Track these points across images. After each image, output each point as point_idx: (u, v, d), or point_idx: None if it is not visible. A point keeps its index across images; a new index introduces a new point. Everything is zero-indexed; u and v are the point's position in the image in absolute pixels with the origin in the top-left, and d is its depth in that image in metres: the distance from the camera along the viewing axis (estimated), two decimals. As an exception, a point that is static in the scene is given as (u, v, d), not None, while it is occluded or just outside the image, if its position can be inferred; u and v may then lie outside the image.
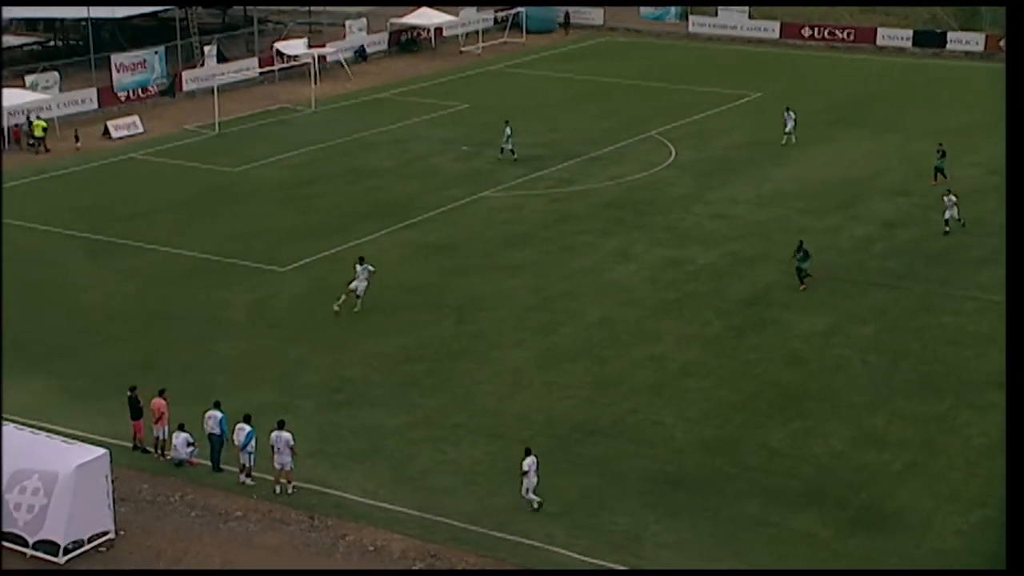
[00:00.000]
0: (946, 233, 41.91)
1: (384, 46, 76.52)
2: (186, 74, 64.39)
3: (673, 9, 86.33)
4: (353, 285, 35.53)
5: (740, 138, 56.50)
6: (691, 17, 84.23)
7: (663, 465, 27.65)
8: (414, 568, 23.82)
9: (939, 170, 47.78)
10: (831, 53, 78.03)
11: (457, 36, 79.31)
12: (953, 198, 42.63)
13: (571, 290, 37.92)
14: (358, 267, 35.78)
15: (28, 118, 54.42)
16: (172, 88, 63.40)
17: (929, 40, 77.17)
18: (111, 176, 50.19)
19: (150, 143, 55.13)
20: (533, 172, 50.59)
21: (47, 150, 53.08)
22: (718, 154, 53.81)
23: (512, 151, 51.87)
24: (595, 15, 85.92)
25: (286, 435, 26.09)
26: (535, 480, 25.59)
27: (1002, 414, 29.80)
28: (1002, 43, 73.90)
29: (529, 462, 25.56)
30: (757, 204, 46.72)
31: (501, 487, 26.63)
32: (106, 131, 55.79)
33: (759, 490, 26.66)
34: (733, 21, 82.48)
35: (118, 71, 60.99)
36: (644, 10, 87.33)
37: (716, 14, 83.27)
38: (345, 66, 70.30)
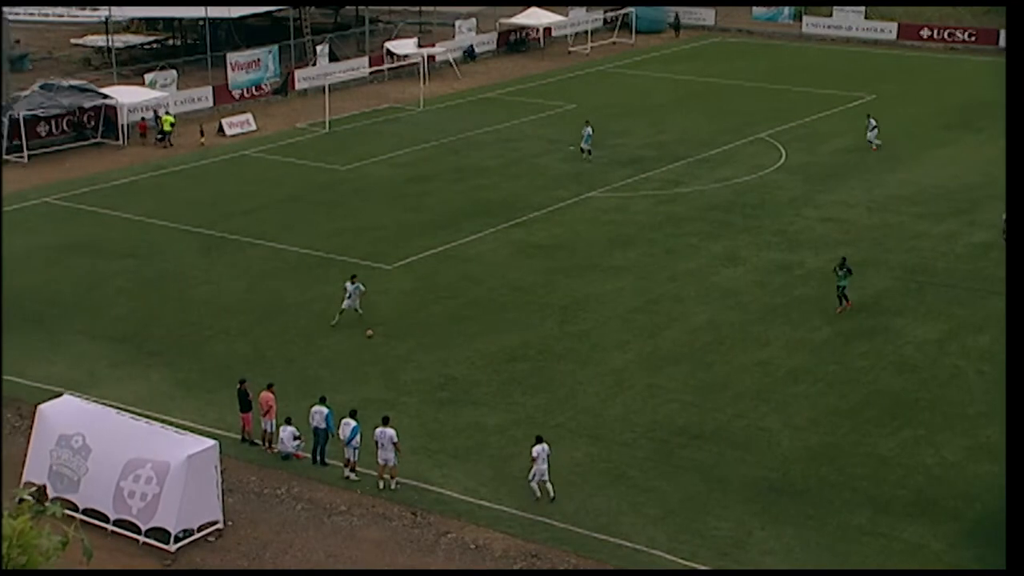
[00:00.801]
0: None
1: (493, 46, 76.79)
2: (298, 73, 65.44)
3: (786, 9, 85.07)
4: (344, 305, 34.48)
5: (852, 141, 55.39)
6: (805, 18, 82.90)
7: (768, 472, 27.22)
8: (515, 568, 23.80)
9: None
10: (950, 55, 76.10)
11: (566, 36, 79.23)
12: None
13: (676, 293, 37.57)
14: (349, 285, 34.60)
15: (156, 113, 56.08)
16: (285, 86, 64.49)
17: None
18: (224, 173, 51.23)
19: (262, 140, 56.15)
20: (639, 173, 50.27)
21: (171, 144, 54.55)
22: (829, 157, 52.85)
23: (589, 151, 51.55)
24: (706, 16, 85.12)
25: (390, 431, 26.31)
26: (544, 468, 25.50)
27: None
28: None
29: (538, 449, 25.54)
30: (869, 208, 45.76)
31: (602, 488, 26.50)
32: (220, 128, 56.97)
33: (867, 499, 26.09)
34: (848, 22, 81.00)
35: (233, 70, 62.25)
36: (756, 10, 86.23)
37: (831, 14, 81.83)
38: (454, 66, 70.73)
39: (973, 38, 77.18)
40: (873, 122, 53.63)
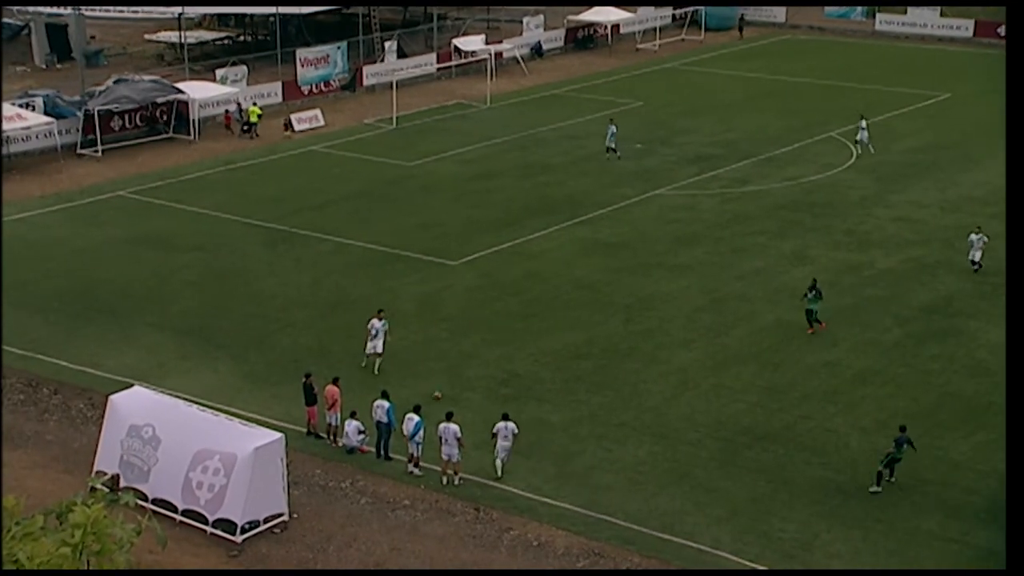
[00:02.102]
0: (976, 272, 37.48)
1: (561, 43, 76.65)
2: (366, 69, 65.80)
3: (859, 7, 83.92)
4: (369, 347, 31.65)
5: (926, 140, 54.52)
6: (878, 15, 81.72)
7: (835, 474, 26.85)
8: (577, 567, 23.71)
9: None
10: (1026, 52, 74.52)
11: (634, 33, 78.86)
12: (984, 237, 37.75)
13: (742, 292, 37.20)
14: (376, 322, 31.73)
15: (240, 105, 57.26)
16: (353, 83, 64.88)
17: None
18: (292, 168, 51.64)
19: (330, 136, 56.53)
20: (706, 172, 49.87)
21: (257, 135, 55.68)
22: (901, 156, 52.04)
23: (615, 150, 51.16)
24: (777, 13, 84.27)
25: (454, 427, 26.33)
26: (507, 445, 26.11)
27: None
28: None
29: (499, 426, 26.10)
30: (942, 209, 44.99)
31: (666, 488, 26.31)
32: (289, 124, 57.47)
33: (938, 503, 25.64)
34: (923, 19, 79.74)
35: (302, 65, 62.76)
36: (828, 8, 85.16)
37: (906, 12, 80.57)
38: (521, 62, 70.69)
39: (1051, 36, 75.47)
40: (864, 123, 51.75)
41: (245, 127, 56.16)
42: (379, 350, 31.76)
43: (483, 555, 24.08)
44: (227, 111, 57.34)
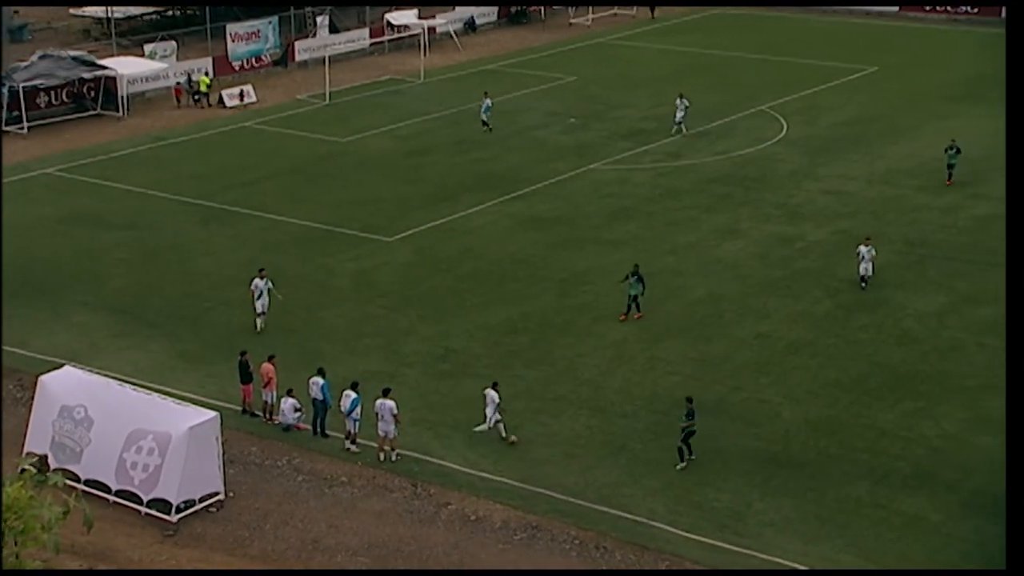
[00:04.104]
0: (863, 289, 35.16)
1: (494, 18, 76.46)
2: (298, 44, 65.19)
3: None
4: (258, 307, 32.39)
5: (854, 113, 55.28)
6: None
7: (768, 444, 27.30)
8: (514, 540, 23.91)
9: (951, 167, 44.34)
10: (953, 27, 75.79)
11: (567, 8, 78.83)
12: (872, 249, 35.38)
13: (675, 266, 37.57)
14: (259, 282, 32.37)
15: (190, 76, 57.37)
16: (285, 58, 64.27)
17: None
18: (224, 144, 51.11)
19: (262, 112, 56.00)
20: (639, 146, 50.16)
21: (209, 104, 56.01)
22: (830, 130, 52.73)
23: (487, 123, 51.42)
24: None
25: (390, 403, 26.37)
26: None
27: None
28: None
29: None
30: (870, 181, 45.70)
31: (603, 460, 26.59)
32: (220, 99, 56.85)
33: (867, 471, 26.18)
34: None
35: (233, 41, 62.03)
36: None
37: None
38: (455, 37, 70.44)
39: (976, 10, 76.82)
40: (685, 103, 51.03)
41: (196, 97, 56.02)
42: (264, 309, 32.47)
43: (421, 530, 24.20)
44: (177, 83, 56.98)
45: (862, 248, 35.16)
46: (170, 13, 73.01)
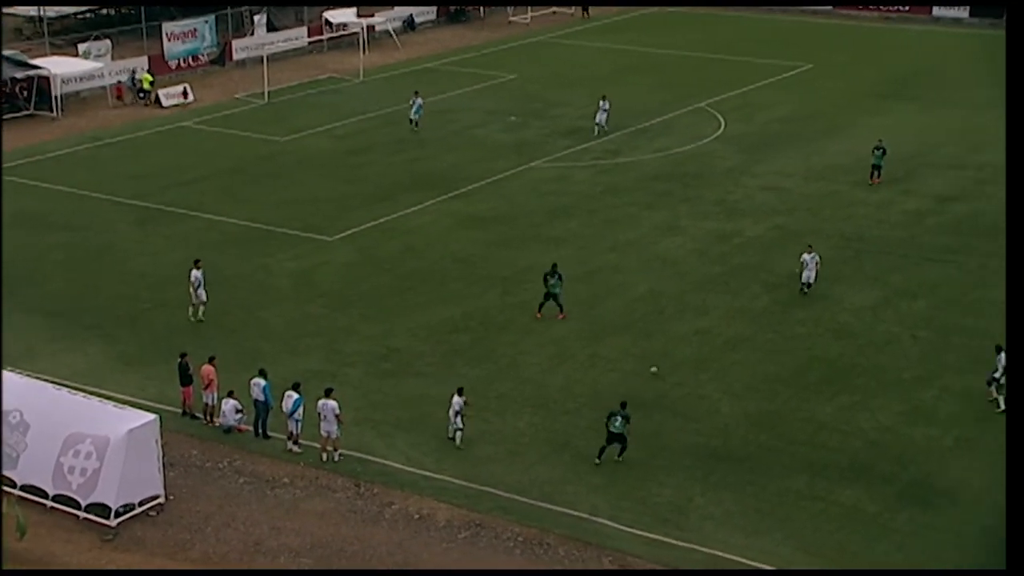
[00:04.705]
0: (804, 294, 34.93)
1: (433, 16, 76.37)
2: (236, 43, 64.66)
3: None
4: (196, 298, 33.01)
5: (789, 110, 55.94)
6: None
7: (708, 439, 27.56)
8: (458, 539, 23.95)
9: (877, 168, 44.67)
10: (885, 24, 76.94)
11: (505, 7, 78.93)
12: (816, 256, 35.10)
13: (616, 263, 37.80)
14: (196, 272, 32.94)
15: (134, 74, 57.11)
16: (222, 57, 63.73)
17: (987, 11, 75.72)
18: (161, 144, 50.57)
19: (200, 111, 55.49)
20: (579, 144, 50.38)
21: (152, 102, 55.56)
22: (767, 126, 53.31)
23: (417, 123, 51.55)
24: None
25: (332, 403, 26.28)
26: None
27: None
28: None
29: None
30: (806, 177, 46.27)
31: (546, 457, 26.70)
32: (157, 99, 56.25)
33: (805, 464, 26.52)
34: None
35: (169, 39, 61.37)
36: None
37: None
38: (394, 36, 70.27)
39: (907, 8, 78.04)
40: (607, 104, 51.06)
41: (140, 94, 55.68)
42: (203, 299, 32.98)
43: (364, 530, 24.15)
44: (119, 81, 56.46)
45: (805, 256, 34.93)
46: (104, 12, 72.05)
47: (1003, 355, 28.81)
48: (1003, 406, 28.29)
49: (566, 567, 23.10)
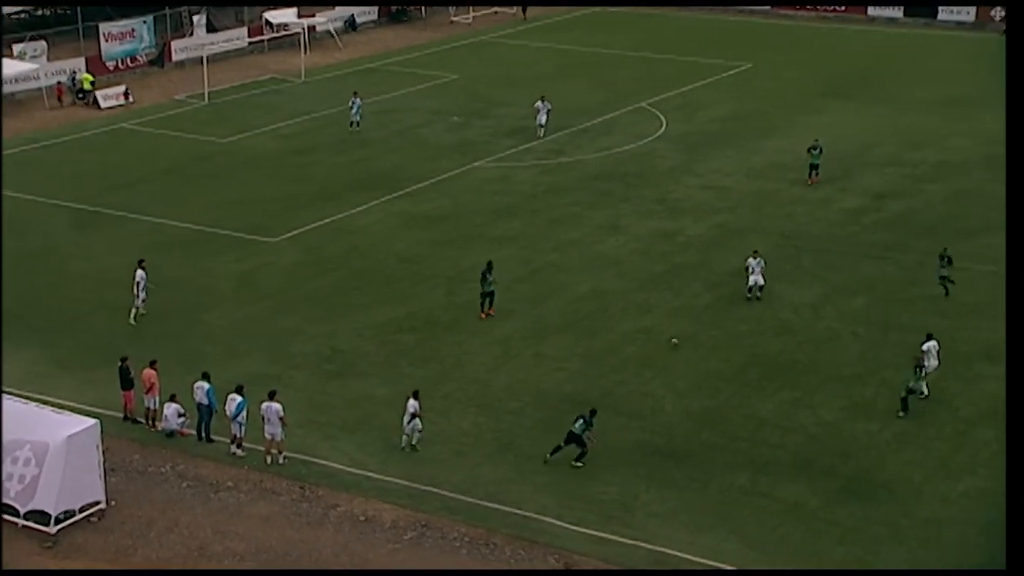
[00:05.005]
0: (748, 299, 34.74)
1: (374, 16, 76.13)
2: (175, 43, 64.03)
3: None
4: (139, 300, 33.05)
5: (730, 109, 56.44)
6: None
7: (653, 437, 27.76)
8: (404, 539, 23.93)
9: (814, 167, 45.01)
10: (822, 24, 77.88)
11: (447, 6, 78.87)
12: (761, 261, 34.98)
13: (560, 262, 37.95)
14: (141, 272, 32.99)
15: (74, 75, 56.25)
16: (161, 58, 63.07)
17: (921, 10, 76.91)
18: (100, 146, 49.97)
19: (139, 113, 54.90)
20: (522, 144, 50.49)
21: (92, 102, 54.85)
22: (708, 125, 53.75)
23: (358, 123, 51.51)
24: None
25: (276, 405, 26.14)
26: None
27: (991, 384, 30.04)
28: (993, 13, 73.82)
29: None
30: (747, 176, 46.72)
31: (491, 457, 26.75)
32: (95, 100, 55.57)
33: (748, 461, 26.80)
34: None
35: (106, 40, 60.63)
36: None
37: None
38: (335, 36, 69.96)
39: (843, 8, 79.05)
40: (547, 105, 50.25)
41: (80, 95, 54.96)
42: (143, 298, 33.04)
43: (309, 533, 24.05)
44: (59, 82, 55.77)
45: (751, 261, 34.89)
46: (40, 12, 71.01)
47: (933, 343, 29.42)
48: (927, 391, 29.11)
49: (512, 567, 23.17)
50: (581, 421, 26.42)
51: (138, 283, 32.89)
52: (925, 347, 29.42)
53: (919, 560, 23.38)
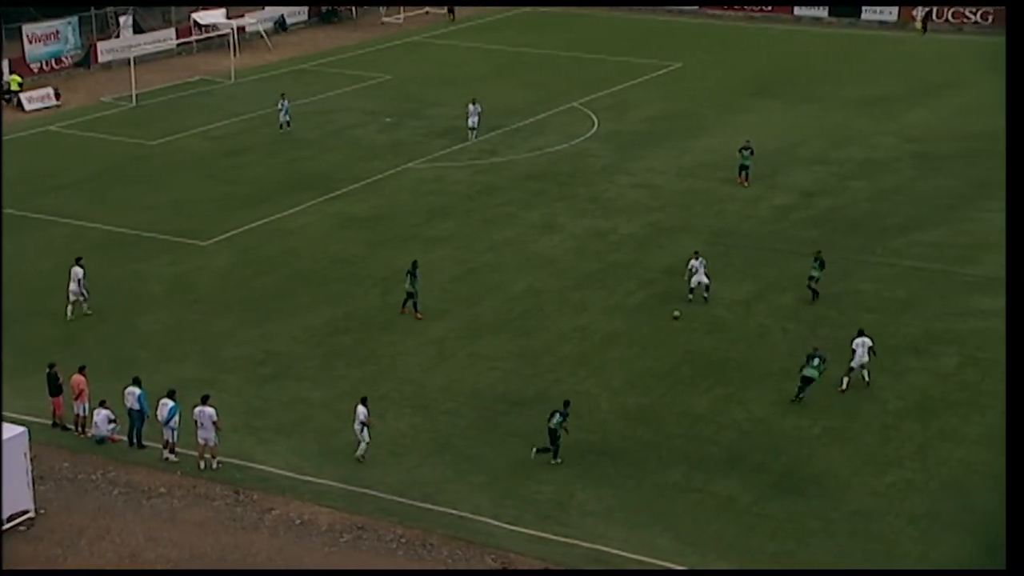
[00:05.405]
0: (690, 301, 34.60)
1: (304, 16, 75.67)
2: (101, 45, 63.14)
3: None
4: (72, 296, 33.05)
5: (661, 109, 56.90)
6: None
7: (588, 435, 27.92)
8: (341, 542, 23.86)
9: (744, 168, 45.27)
10: (750, 24, 78.77)
11: (378, 7, 78.62)
12: (704, 261, 34.97)
13: (494, 262, 38.04)
14: (78, 269, 33.10)
15: (0, 76, 55.58)
16: (87, 59, 62.16)
17: (844, 10, 78.05)
18: (26, 149, 49.10)
19: (66, 115, 54.08)
20: (456, 144, 50.51)
21: (20, 104, 54.03)
22: (639, 125, 54.15)
23: (288, 124, 51.41)
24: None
25: (210, 410, 25.92)
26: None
27: (917, 377, 30.64)
28: (914, 12, 75.11)
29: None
30: (678, 175, 47.15)
31: (427, 458, 26.76)
32: (19, 103, 54.64)
33: (682, 457, 27.08)
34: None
35: (30, 42, 59.63)
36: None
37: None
38: (265, 37, 69.42)
39: (770, 8, 80.00)
40: (478, 108, 50.29)
41: (7, 96, 54.19)
42: (80, 295, 32.97)
43: (244, 537, 23.89)
44: None
45: (693, 262, 34.78)
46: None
47: (862, 339, 29.97)
48: (868, 379, 29.92)
49: (449, 567, 23.21)
50: (557, 416, 26.54)
51: (79, 280, 32.84)
52: (855, 343, 29.95)
53: (846, 552, 23.80)
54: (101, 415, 27.01)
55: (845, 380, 29.75)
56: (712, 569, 23.22)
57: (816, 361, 29.30)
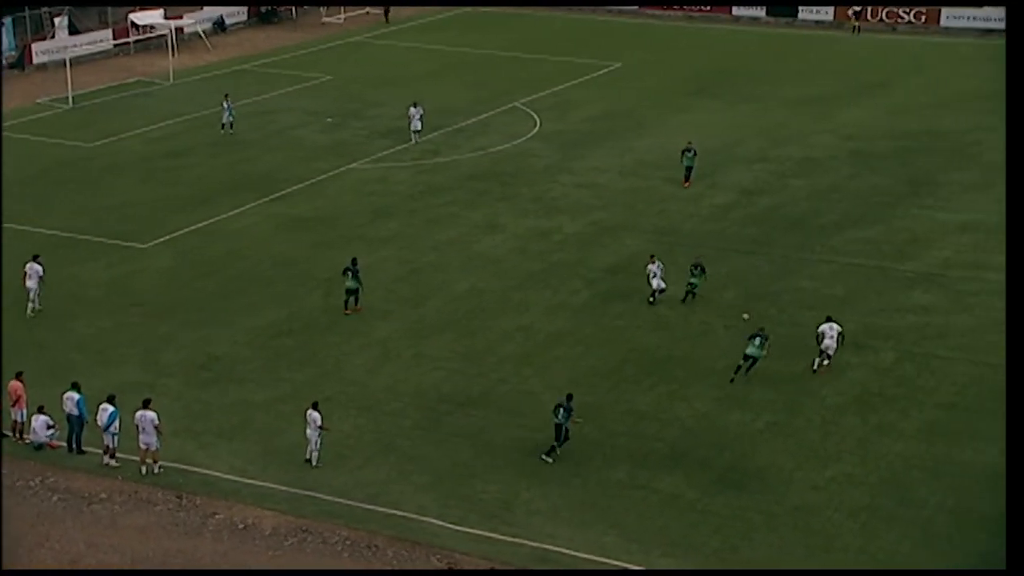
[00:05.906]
0: (651, 303, 34.71)
1: (244, 17, 75.06)
2: (36, 46, 62.21)
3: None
4: (31, 292, 33.12)
5: (602, 108, 57.13)
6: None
7: (533, 434, 27.98)
8: (285, 545, 23.72)
9: (688, 169, 45.35)
10: (689, 24, 79.34)
11: (318, 7, 78.20)
12: (661, 265, 35.03)
13: (438, 262, 38.01)
14: (35, 266, 33.15)
15: None
16: (22, 60, 61.22)
17: (782, 10, 78.83)
18: (-41, 151, 48.28)
19: (0, 117, 53.21)
20: (398, 144, 50.38)
21: None
22: (581, 124, 54.35)
23: (231, 125, 51.15)
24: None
25: (151, 414, 25.65)
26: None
27: (856, 372, 31.06)
28: (850, 12, 76.09)
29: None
30: (620, 174, 47.39)
31: (372, 459, 26.69)
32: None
33: (626, 455, 27.23)
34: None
35: (-37, 42, 58.67)
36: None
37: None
38: (204, 37, 68.78)
39: (709, 8, 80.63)
40: (420, 110, 49.79)
41: None
42: (35, 291, 33.11)
43: (187, 542, 23.67)
44: None
45: (651, 267, 34.69)
46: None
47: (827, 325, 30.76)
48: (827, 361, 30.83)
49: (395, 568, 23.16)
50: (561, 411, 26.62)
51: (40, 277, 32.94)
52: (820, 329, 30.71)
53: (788, 546, 24.07)
54: (39, 421, 26.61)
55: (816, 361, 30.37)
56: (659, 569, 23.36)
57: (759, 340, 29.94)
